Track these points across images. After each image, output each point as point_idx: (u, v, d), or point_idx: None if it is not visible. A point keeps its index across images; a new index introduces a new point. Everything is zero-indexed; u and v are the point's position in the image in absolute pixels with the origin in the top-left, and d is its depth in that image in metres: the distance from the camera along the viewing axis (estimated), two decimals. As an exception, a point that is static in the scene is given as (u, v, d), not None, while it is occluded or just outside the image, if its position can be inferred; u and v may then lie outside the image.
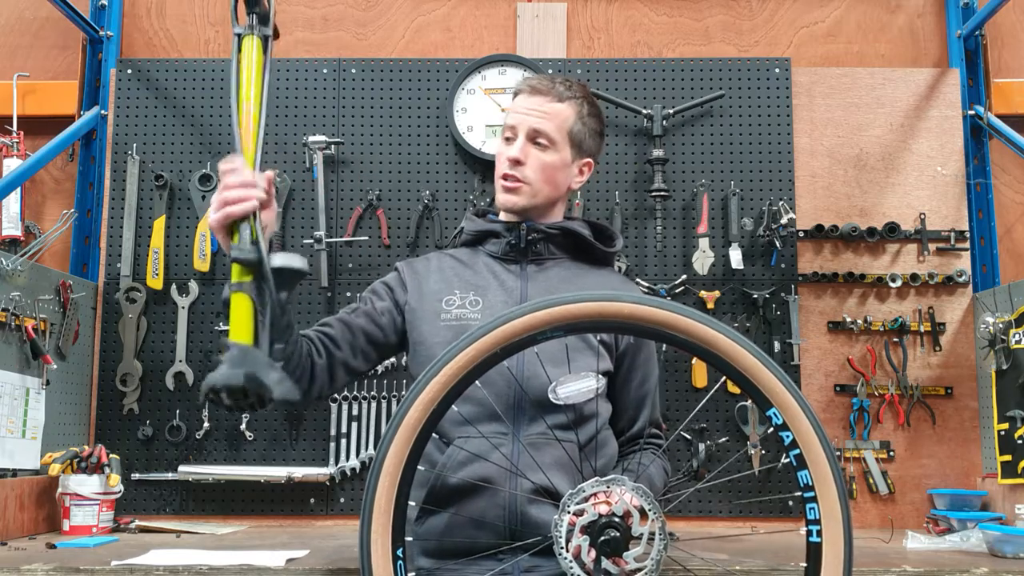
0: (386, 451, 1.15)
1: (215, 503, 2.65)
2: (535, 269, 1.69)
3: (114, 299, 2.72)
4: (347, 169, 2.80)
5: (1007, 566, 1.88)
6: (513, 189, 1.67)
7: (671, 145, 2.79)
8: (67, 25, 2.91)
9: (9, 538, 2.19)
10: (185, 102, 2.84)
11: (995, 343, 2.46)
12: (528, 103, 1.68)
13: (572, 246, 1.73)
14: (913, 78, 2.85)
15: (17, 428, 2.36)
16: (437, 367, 1.16)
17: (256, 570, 1.79)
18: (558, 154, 1.68)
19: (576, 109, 1.70)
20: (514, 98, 1.74)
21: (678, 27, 3.00)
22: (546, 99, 1.67)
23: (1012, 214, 2.96)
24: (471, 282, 1.68)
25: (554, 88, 1.68)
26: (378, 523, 1.13)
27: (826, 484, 1.14)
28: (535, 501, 1.47)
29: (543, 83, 1.70)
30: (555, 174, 1.69)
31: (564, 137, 1.68)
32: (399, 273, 1.76)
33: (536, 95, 1.68)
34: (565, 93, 1.69)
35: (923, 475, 2.67)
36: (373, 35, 3.01)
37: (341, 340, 1.66)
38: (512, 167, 1.66)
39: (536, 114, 1.67)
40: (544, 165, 1.67)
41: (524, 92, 1.70)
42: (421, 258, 1.80)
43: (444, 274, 1.71)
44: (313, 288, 2.73)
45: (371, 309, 1.71)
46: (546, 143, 1.67)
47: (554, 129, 1.67)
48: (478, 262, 1.72)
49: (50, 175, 2.97)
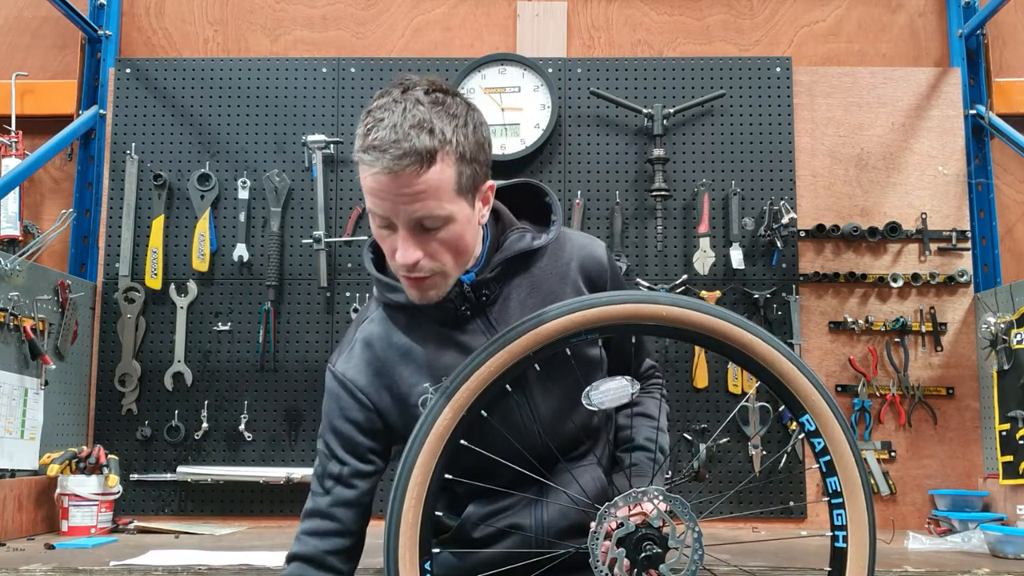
0: (413, 461, 1.12)
1: (214, 504, 2.64)
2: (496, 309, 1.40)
3: (113, 299, 2.71)
4: (346, 168, 2.80)
5: (1008, 567, 1.87)
6: (425, 288, 1.33)
7: (672, 144, 2.79)
8: (66, 24, 2.90)
9: (8, 539, 2.19)
10: (184, 102, 2.83)
11: (996, 343, 2.46)
12: (393, 187, 1.23)
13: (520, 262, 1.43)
14: (914, 77, 2.85)
15: (16, 428, 2.35)
16: (467, 371, 1.12)
17: (255, 570, 1.78)
18: (455, 222, 1.29)
19: (445, 155, 1.24)
20: (362, 166, 1.25)
21: (678, 26, 3.00)
22: (410, 175, 1.22)
23: (1013, 214, 2.95)
24: (437, 363, 1.38)
25: (412, 152, 1.21)
26: (405, 536, 1.11)
27: (855, 491, 1.14)
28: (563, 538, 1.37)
29: (394, 159, 1.21)
30: (461, 241, 1.32)
31: (454, 198, 1.27)
32: (349, 390, 1.40)
33: (398, 176, 1.22)
34: (424, 147, 1.22)
35: (924, 476, 2.66)
36: (372, 34, 3.00)
37: (361, 524, 1.42)
38: (411, 271, 1.30)
39: (405, 200, 1.24)
40: (447, 244, 1.30)
41: (379, 173, 1.23)
42: (355, 352, 1.43)
43: (400, 363, 1.40)
44: (312, 288, 2.73)
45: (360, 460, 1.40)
46: (439, 223, 1.27)
47: (439, 205, 1.26)
48: (431, 335, 1.40)
49: (49, 175, 2.96)
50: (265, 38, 3.00)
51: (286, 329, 2.72)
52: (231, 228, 2.77)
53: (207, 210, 2.75)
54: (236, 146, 2.82)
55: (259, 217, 2.78)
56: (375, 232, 1.34)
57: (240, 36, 3.00)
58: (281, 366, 2.71)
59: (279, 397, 2.69)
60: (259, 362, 2.70)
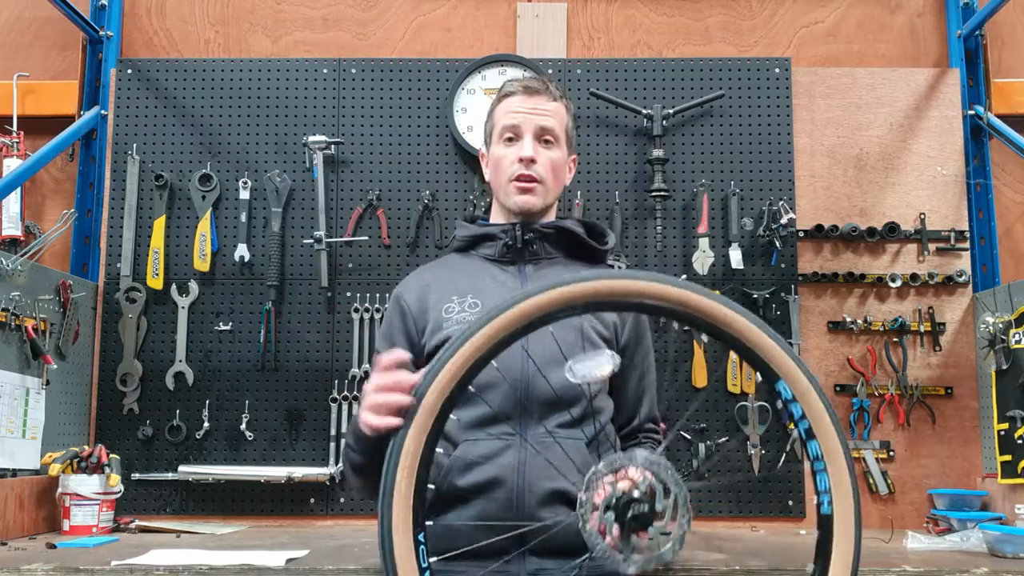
0: (404, 436, 1.14)
1: (215, 503, 2.65)
2: (532, 269, 1.67)
3: (114, 299, 2.72)
4: (347, 169, 2.80)
5: (1007, 566, 1.88)
6: (530, 189, 1.65)
7: (671, 145, 2.79)
8: (67, 25, 2.91)
9: (9, 538, 2.19)
10: (185, 102, 2.84)
11: (995, 343, 2.46)
12: (528, 103, 1.67)
13: (567, 244, 1.71)
14: (913, 78, 2.85)
15: (17, 428, 2.36)
16: (454, 348, 1.14)
17: (256, 570, 1.79)
18: (560, 151, 1.69)
19: (566, 107, 1.72)
20: (501, 100, 1.71)
21: (678, 27, 3.00)
22: (544, 98, 1.68)
23: (1012, 214, 2.96)
24: (468, 285, 1.64)
25: (547, 88, 1.69)
26: (398, 509, 1.12)
27: (835, 454, 1.14)
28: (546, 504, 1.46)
29: (536, 83, 1.70)
30: (561, 171, 1.70)
31: (563, 135, 1.70)
32: (398, 301, 1.70)
33: (534, 95, 1.67)
34: (556, 92, 1.70)
35: (923, 475, 2.67)
36: (373, 35, 3.01)
37: None
38: (528, 166, 1.64)
39: (540, 112, 1.66)
40: (553, 163, 1.67)
41: (518, 93, 1.69)
42: (415, 274, 1.76)
43: (440, 283, 1.68)
44: (313, 288, 2.73)
45: None
46: (552, 140, 1.67)
47: (557, 126, 1.68)
48: (473, 266, 1.70)
49: (50, 175, 2.97)
50: (266, 39, 3.00)
51: (287, 329, 2.73)
52: (232, 228, 2.78)
53: (208, 210, 2.76)
54: (237, 146, 2.82)
55: (260, 217, 2.79)
56: (498, 152, 1.68)
57: (241, 37, 3.01)
58: (282, 366, 2.71)
59: (280, 397, 2.70)
60: (260, 362, 2.70)
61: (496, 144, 1.70)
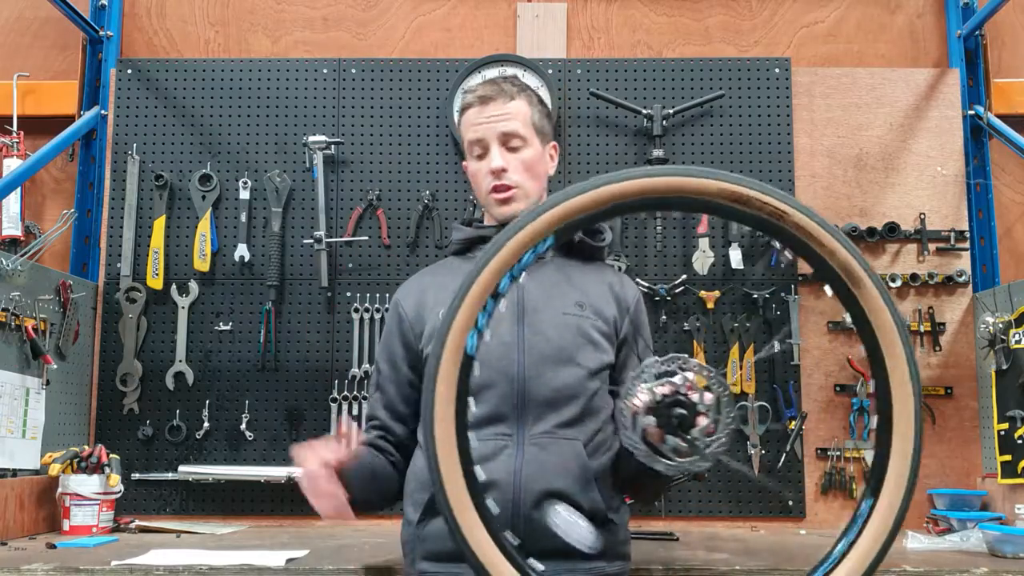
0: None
1: (215, 503, 2.65)
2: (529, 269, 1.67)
3: (114, 299, 2.72)
4: (347, 169, 2.80)
5: (1007, 566, 1.88)
6: (507, 199, 1.65)
7: (671, 145, 2.79)
8: (67, 25, 2.91)
9: (9, 538, 2.19)
10: (185, 102, 2.84)
11: (995, 343, 2.46)
12: (485, 112, 1.67)
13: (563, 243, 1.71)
14: (913, 78, 2.85)
15: (17, 428, 2.36)
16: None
17: (256, 570, 1.79)
18: (532, 148, 1.67)
19: (528, 99, 1.70)
20: (462, 114, 1.72)
21: (678, 27, 3.00)
22: (500, 102, 1.66)
23: (1012, 214, 2.96)
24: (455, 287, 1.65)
25: (502, 89, 1.68)
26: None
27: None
28: (541, 505, 1.46)
29: (490, 88, 1.69)
30: (538, 166, 1.69)
31: (531, 130, 1.68)
32: (396, 307, 1.72)
33: (488, 103, 1.67)
34: (513, 89, 1.69)
35: (923, 475, 2.61)
36: (373, 35, 3.01)
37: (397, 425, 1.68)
38: (500, 176, 1.64)
39: (498, 118, 1.66)
40: (525, 163, 1.66)
41: (474, 105, 1.68)
42: (415, 277, 1.77)
43: (438, 286, 1.67)
44: (313, 288, 2.73)
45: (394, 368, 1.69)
46: (519, 142, 1.66)
47: (521, 126, 1.66)
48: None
49: (50, 175, 2.97)
50: (266, 39, 3.00)
51: (287, 329, 2.73)
52: (232, 228, 2.78)
53: (208, 210, 2.76)
54: (237, 146, 2.82)
55: (260, 217, 2.79)
56: (472, 167, 1.70)
57: (241, 37, 3.01)
58: (282, 366, 2.71)
59: (280, 397, 2.70)
60: (260, 362, 2.70)
61: (470, 159, 1.72)
